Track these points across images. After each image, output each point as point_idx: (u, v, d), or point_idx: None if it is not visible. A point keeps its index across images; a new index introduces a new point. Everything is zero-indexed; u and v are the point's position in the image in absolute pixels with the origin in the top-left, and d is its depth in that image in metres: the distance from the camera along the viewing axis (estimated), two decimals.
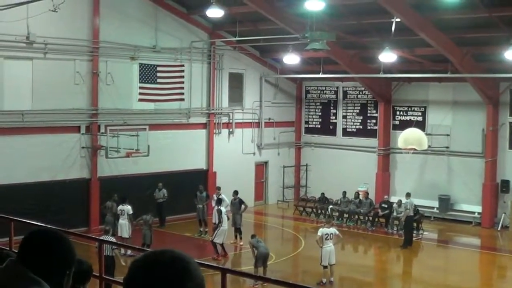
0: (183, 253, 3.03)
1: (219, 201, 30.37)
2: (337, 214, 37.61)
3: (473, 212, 36.69)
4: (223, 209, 29.81)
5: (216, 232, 29.35)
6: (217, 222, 29.38)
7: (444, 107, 37.85)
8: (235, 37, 37.15)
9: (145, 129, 34.79)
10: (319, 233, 26.01)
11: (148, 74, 35.93)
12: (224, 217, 29.46)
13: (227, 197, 31.62)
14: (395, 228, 35.00)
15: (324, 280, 25.84)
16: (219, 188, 33.07)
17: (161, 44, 36.31)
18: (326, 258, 25.61)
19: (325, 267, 25.73)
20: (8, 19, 27.51)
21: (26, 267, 3.70)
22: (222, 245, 29.38)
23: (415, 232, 34.21)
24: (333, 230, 26.34)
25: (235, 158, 40.22)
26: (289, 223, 38.64)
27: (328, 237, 25.79)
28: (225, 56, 39.73)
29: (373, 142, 40.39)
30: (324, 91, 43.10)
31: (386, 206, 35.84)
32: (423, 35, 31.08)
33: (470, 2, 28.48)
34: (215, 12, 32.69)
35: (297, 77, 42.67)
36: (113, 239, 24.61)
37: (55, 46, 32.08)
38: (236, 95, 40.88)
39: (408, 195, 33.80)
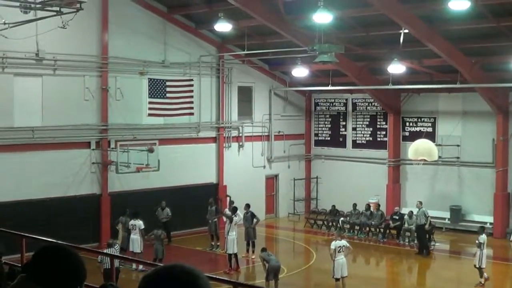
0: (193, 268, 3.04)
1: (234, 210, 30.54)
2: (348, 226, 37.53)
3: (485, 223, 36.49)
4: (235, 219, 29.95)
5: (225, 244, 29.68)
6: (227, 229, 29.70)
7: (454, 117, 37.79)
8: (244, 51, 37.22)
9: (155, 143, 34.84)
10: (332, 247, 25.88)
11: (157, 89, 36.01)
12: (234, 227, 29.67)
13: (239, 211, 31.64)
14: (406, 240, 34.93)
15: None
16: (232, 202, 32.96)
17: (170, 59, 36.41)
18: (339, 271, 25.52)
19: (337, 279, 25.63)
20: (17, 36, 27.60)
21: (37, 284, 3.71)
22: (235, 255, 29.48)
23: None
24: (344, 242, 26.28)
25: (245, 172, 40.21)
26: (300, 236, 38.55)
27: (340, 250, 25.73)
28: (233, 70, 39.81)
29: (383, 153, 40.35)
30: (333, 103, 43.12)
31: (397, 217, 35.75)
32: (431, 46, 31.09)
33: (478, 12, 28.47)
34: (223, 26, 32.86)
35: (306, 89, 42.68)
36: (117, 250, 24.52)
37: (64, 63, 32.22)
38: (246, 109, 40.93)
39: (420, 203, 33.78)
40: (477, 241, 28.10)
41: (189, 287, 2.97)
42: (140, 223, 29.41)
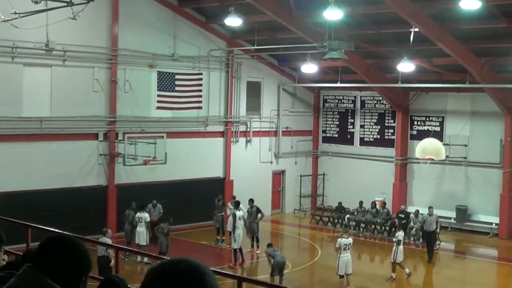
0: (199, 262, 3.04)
1: (237, 204, 30.58)
2: (353, 223, 37.53)
3: (491, 223, 36.52)
4: (238, 213, 29.96)
5: (230, 238, 29.74)
6: (231, 229, 29.69)
7: (462, 117, 37.72)
8: (253, 46, 37.18)
9: (162, 137, 34.89)
10: (337, 245, 25.93)
11: (166, 82, 36.02)
12: (239, 222, 29.70)
13: (243, 206, 31.58)
14: (412, 238, 34.88)
15: None
16: (234, 197, 32.92)
17: (179, 52, 36.41)
18: (343, 268, 25.55)
19: (341, 276, 25.66)
20: (27, 26, 27.63)
21: (43, 273, 3.72)
22: (240, 250, 29.54)
23: None
24: (350, 240, 26.30)
25: (252, 167, 40.21)
26: (306, 232, 38.56)
27: (346, 247, 25.74)
28: (243, 65, 39.79)
29: (390, 151, 40.29)
30: (342, 100, 43.07)
31: (403, 216, 35.71)
32: (441, 45, 31.04)
33: (488, 12, 28.41)
34: (233, 21, 32.87)
35: (315, 86, 42.63)
36: (109, 241, 24.52)
37: (74, 54, 32.26)
38: (254, 104, 40.92)
39: (432, 209, 33.19)
40: (394, 238, 28.37)
41: (195, 281, 2.97)
42: (146, 215, 29.50)
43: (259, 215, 31.63)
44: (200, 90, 37.61)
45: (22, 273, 3.83)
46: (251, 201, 31.93)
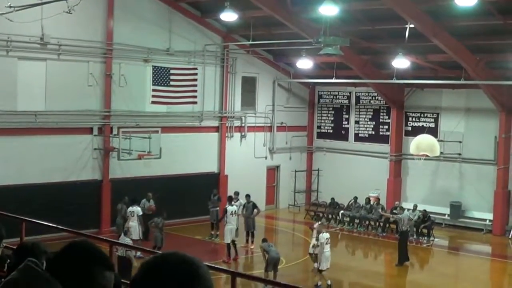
0: (193, 257, 3.03)
1: (230, 199, 30.63)
2: (348, 219, 37.57)
3: (485, 220, 36.57)
4: (229, 208, 30.00)
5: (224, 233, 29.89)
6: (223, 219, 30.02)
7: (456, 113, 37.75)
8: (249, 41, 37.16)
9: (157, 131, 34.89)
10: (322, 240, 26.03)
11: (161, 76, 35.98)
12: (230, 217, 29.74)
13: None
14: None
15: (329, 282, 25.85)
16: (237, 194, 32.78)
17: (174, 47, 36.37)
18: (327, 263, 25.70)
19: (322, 271, 25.77)
20: (22, 20, 27.59)
21: (52, 273, 3.68)
22: (234, 245, 29.57)
23: (425, 238, 34.20)
24: (328, 234, 26.58)
25: (246, 162, 40.21)
26: (300, 227, 38.54)
27: (327, 242, 25.89)
28: (238, 60, 39.75)
29: (385, 148, 40.33)
30: (337, 96, 43.07)
31: (397, 212, 35.72)
32: (436, 41, 31.04)
33: (484, 9, 28.41)
34: (229, 16, 32.78)
35: (310, 81, 42.62)
36: (130, 241, 24.69)
37: (69, 48, 32.20)
38: (249, 99, 40.89)
39: (400, 208, 32.94)
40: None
41: (188, 276, 2.96)
42: (138, 209, 29.48)
43: (255, 210, 31.68)
44: (195, 85, 37.59)
45: (23, 268, 3.82)
46: (247, 196, 31.95)
